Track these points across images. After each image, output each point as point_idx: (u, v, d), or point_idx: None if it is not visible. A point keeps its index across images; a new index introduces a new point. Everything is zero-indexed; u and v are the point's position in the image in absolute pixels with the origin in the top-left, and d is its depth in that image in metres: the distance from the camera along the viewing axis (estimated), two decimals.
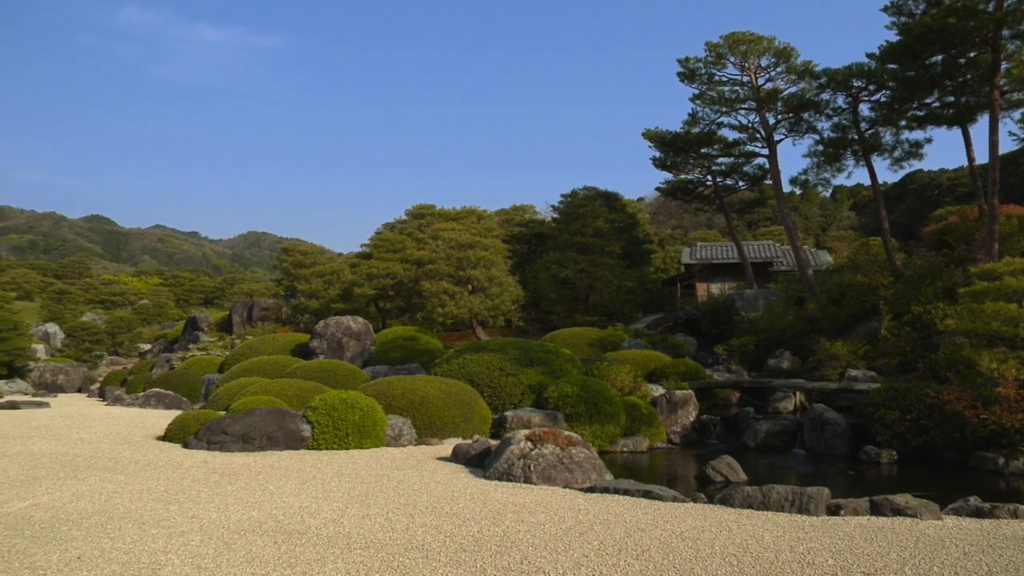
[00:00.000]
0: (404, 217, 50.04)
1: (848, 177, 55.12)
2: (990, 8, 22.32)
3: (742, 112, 33.26)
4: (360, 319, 28.54)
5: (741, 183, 38.44)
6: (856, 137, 29.54)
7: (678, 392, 18.00)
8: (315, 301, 38.17)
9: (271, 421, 13.90)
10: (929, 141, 30.92)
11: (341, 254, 57.80)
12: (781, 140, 32.59)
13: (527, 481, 10.54)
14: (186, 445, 14.14)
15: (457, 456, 12.72)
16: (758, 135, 33.28)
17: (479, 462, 12.16)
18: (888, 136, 29.92)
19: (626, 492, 9.75)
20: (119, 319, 52.31)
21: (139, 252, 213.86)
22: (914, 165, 38.78)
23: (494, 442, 12.70)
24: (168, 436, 15.19)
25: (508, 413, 16.24)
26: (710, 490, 10.74)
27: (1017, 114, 25.98)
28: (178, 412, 19.72)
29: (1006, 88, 24.71)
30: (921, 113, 28.05)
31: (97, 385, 35.51)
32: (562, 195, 47.58)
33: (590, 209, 38.06)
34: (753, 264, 37.22)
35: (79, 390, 34.68)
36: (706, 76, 33.25)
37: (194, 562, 6.44)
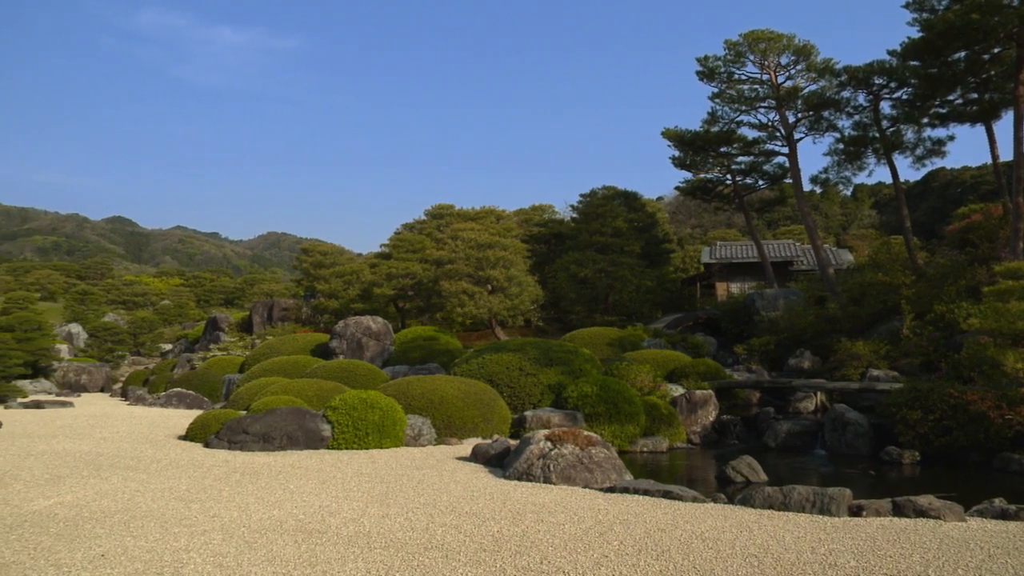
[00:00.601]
0: (423, 217, 50.10)
1: (869, 175, 55.01)
2: (1015, 3, 22.07)
3: (762, 110, 33.09)
4: (380, 319, 28.62)
5: (761, 182, 38.23)
6: (877, 135, 29.29)
7: (698, 392, 17.94)
8: (335, 301, 38.31)
9: (291, 421, 13.97)
10: (952, 138, 30.71)
11: (360, 254, 57.94)
12: (801, 139, 32.42)
13: (547, 481, 10.53)
14: (207, 444, 14.24)
15: (477, 456, 12.73)
16: (778, 134, 33.11)
17: (499, 462, 12.16)
18: (910, 134, 29.65)
19: (646, 492, 9.72)
20: (141, 319, 52.73)
21: (160, 253, 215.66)
22: (936, 163, 38.55)
23: (513, 442, 12.70)
24: (189, 435, 15.30)
25: (528, 413, 16.25)
26: (730, 490, 10.70)
27: None
28: (199, 412, 19.86)
29: None
30: (944, 110, 27.76)
31: (119, 385, 35.83)
32: (581, 195, 47.55)
33: (609, 209, 37.97)
34: (773, 263, 37.01)
35: (102, 390, 35.02)
36: (725, 75, 33.11)
37: (216, 561, 6.48)
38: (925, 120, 28.56)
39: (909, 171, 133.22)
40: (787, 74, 31.94)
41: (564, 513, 8.51)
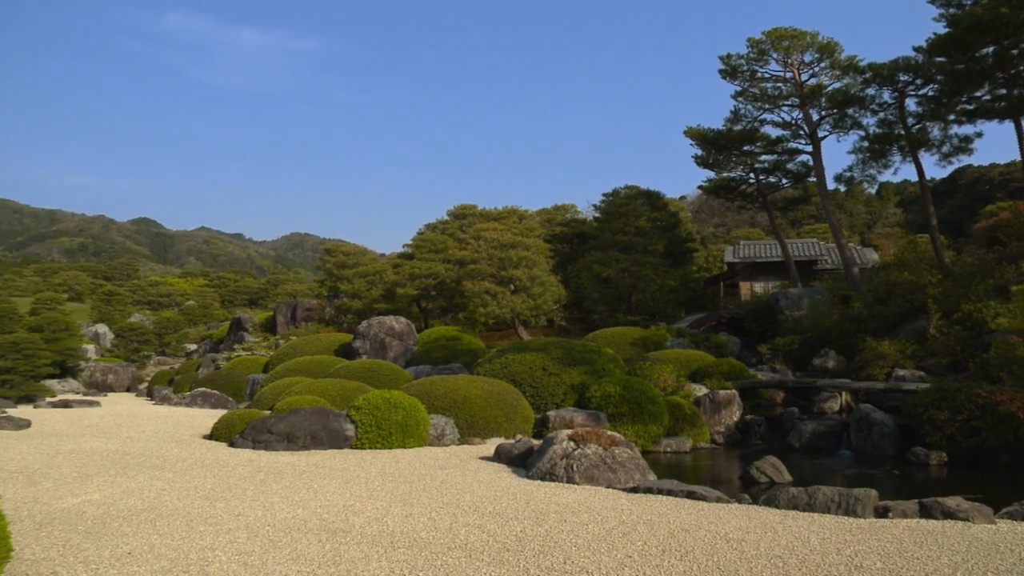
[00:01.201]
0: (446, 217, 50.15)
1: (894, 173, 54.55)
2: None
3: (785, 109, 32.89)
4: (403, 319, 28.70)
5: (784, 181, 37.98)
6: (903, 132, 29.01)
7: (722, 392, 17.85)
8: (358, 301, 38.46)
9: (315, 420, 14.04)
10: (979, 135, 30.33)
11: (383, 254, 58.14)
12: (825, 136, 32.17)
13: (570, 481, 10.52)
14: (232, 444, 14.34)
15: (500, 456, 12.74)
16: (801, 132, 32.89)
17: (522, 462, 12.16)
18: (936, 131, 29.34)
19: (669, 492, 9.69)
20: (166, 320, 53.19)
21: (185, 254, 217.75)
22: (963, 160, 37.98)
23: (537, 442, 12.70)
24: (214, 435, 15.43)
25: (551, 413, 16.23)
26: (755, 491, 10.63)
27: None
28: (224, 411, 20.02)
29: None
30: (971, 107, 27.42)
31: (145, 384, 36.17)
32: (603, 194, 47.43)
33: (632, 208, 37.87)
34: (797, 262, 36.74)
35: (128, 389, 35.37)
36: (748, 73, 32.95)
37: (241, 559, 6.53)
38: (952, 117, 28.24)
39: (935, 168, 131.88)
40: (811, 72, 31.73)
41: (587, 513, 8.50)
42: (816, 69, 31.66)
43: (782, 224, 50.20)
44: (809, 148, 32.71)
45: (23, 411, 21.81)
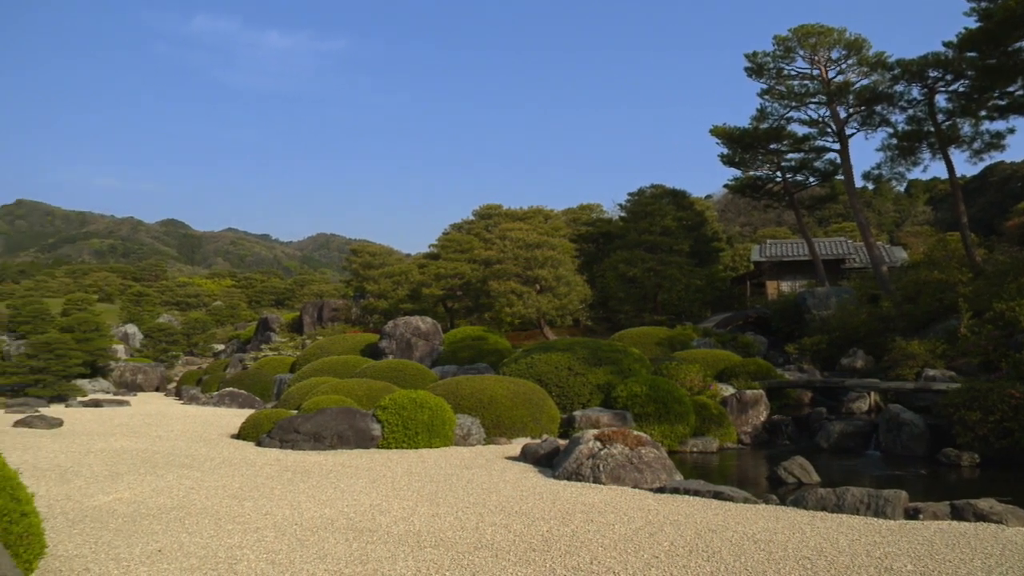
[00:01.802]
0: (471, 217, 50.19)
1: (924, 171, 53.85)
2: None
3: (812, 106, 32.67)
4: (429, 319, 28.78)
5: (812, 179, 37.71)
6: (932, 129, 28.70)
7: (748, 392, 17.74)
8: (384, 301, 38.62)
9: (342, 420, 14.11)
10: (1012, 131, 29.83)
11: (409, 255, 58.34)
12: (853, 134, 31.91)
13: (596, 481, 10.50)
14: (259, 443, 14.46)
15: (526, 455, 12.74)
16: (829, 129, 32.62)
17: (548, 462, 12.16)
18: (967, 127, 29.00)
19: (696, 493, 9.64)
20: (194, 320, 53.72)
21: (212, 255, 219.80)
22: (995, 157, 37.29)
23: (563, 442, 12.69)
24: (242, 434, 15.56)
25: (576, 413, 16.21)
26: (782, 492, 10.55)
27: None
28: (251, 411, 20.18)
29: None
30: (1003, 102, 27.04)
31: (174, 384, 36.56)
32: (629, 193, 47.28)
33: (657, 207, 37.76)
34: (824, 261, 36.45)
35: (157, 389, 35.78)
36: (774, 70, 32.73)
37: (268, 558, 6.57)
38: (983, 113, 27.89)
39: (966, 165, 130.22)
40: (838, 68, 31.47)
41: (614, 513, 8.48)
42: (843, 66, 31.39)
43: (809, 223, 49.78)
44: (836, 146, 32.44)
45: (55, 410, 22.14)
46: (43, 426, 17.08)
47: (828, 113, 31.95)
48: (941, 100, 28.57)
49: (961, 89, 27.58)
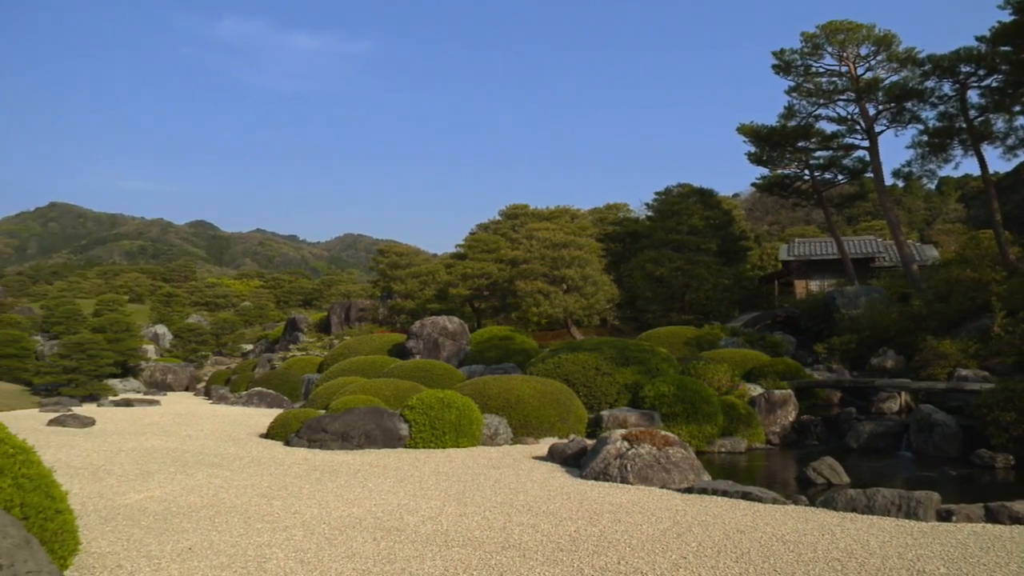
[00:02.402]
0: (498, 217, 50.26)
1: (955, 168, 53.01)
2: None
3: (840, 103, 32.35)
4: (455, 319, 28.85)
5: (840, 177, 37.36)
6: (964, 125, 28.32)
7: (777, 392, 17.59)
8: (411, 302, 38.76)
9: (369, 420, 14.17)
10: None
11: (436, 255, 58.51)
12: (882, 131, 31.56)
13: (623, 481, 10.47)
14: (288, 443, 14.55)
15: (553, 455, 12.73)
16: (858, 127, 32.30)
17: (575, 461, 12.14)
18: (1000, 123, 28.60)
19: (724, 493, 9.58)
20: (223, 320, 54.17)
21: (240, 255, 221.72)
22: None
23: (590, 442, 12.66)
24: (270, 434, 15.67)
25: (604, 412, 16.17)
26: (811, 492, 10.45)
27: None
28: (279, 411, 20.33)
29: None
30: None
31: (203, 384, 36.92)
32: (656, 193, 47.13)
33: (685, 206, 37.61)
34: (854, 260, 36.09)
35: (186, 389, 36.14)
36: (802, 68, 32.45)
37: (297, 556, 6.62)
38: (1017, 108, 27.46)
39: (999, 162, 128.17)
40: (867, 65, 31.13)
41: (641, 514, 8.45)
42: (872, 62, 31.06)
43: (838, 221, 49.28)
44: (866, 143, 32.10)
45: (87, 409, 22.43)
46: (76, 425, 17.32)
47: (857, 110, 31.63)
48: (973, 96, 28.23)
49: (994, 84, 27.19)
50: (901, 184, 35.89)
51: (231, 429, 17.31)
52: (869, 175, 34.81)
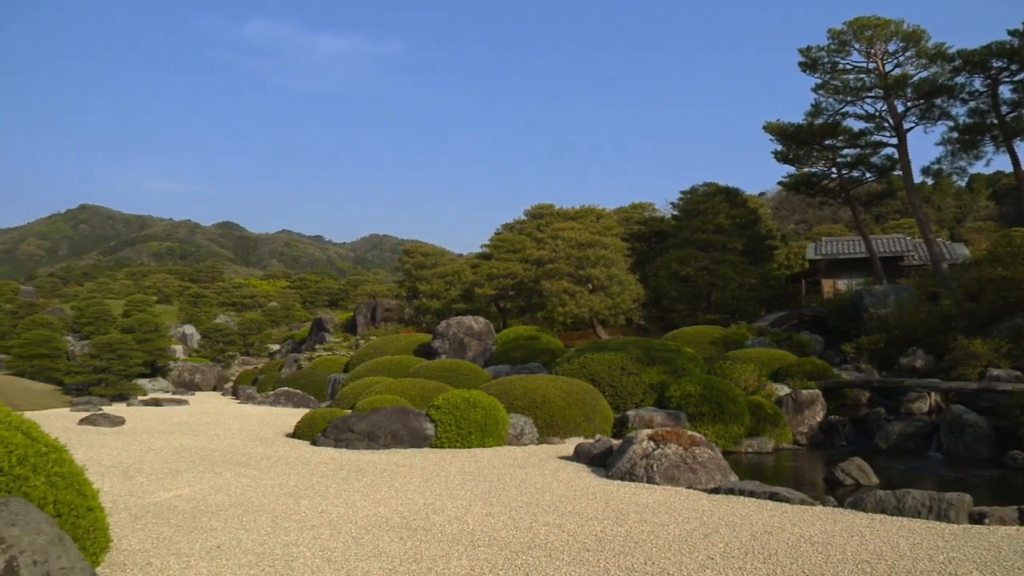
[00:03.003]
0: (523, 217, 50.25)
1: (987, 165, 51.94)
2: None
3: (868, 100, 32.02)
4: (481, 319, 28.88)
5: (868, 175, 36.99)
6: (996, 121, 27.95)
7: (804, 391, 17.45)
8: (436, 302, 38.85)
9: (395, 420, 14.22)
10: None
11: (461, 255, 58.58)
12: (911, 128, 31.20)
13: (650, 481, 10.44)
14: (314, 442, 14.63)
15: (579, 455, 12.72)
16: (886, 124, 31.95)
17: (601, 461, 12.12)
18: None
19: (751, 494, 9.52)
20: (250, 321, 54.54)
21: (267, 256, 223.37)
22: None
23: (616, 442, 12.63)
24: (297, 433, 15.76)
25: (630, 412, 16.13)
26: (839, 493, 10.36)
27: None
28: (306, 410, 20.43)
29: None
30: None
31: (230, 384, 37.19)
32: (681, 192, 46.90)
33: (710, 205, 37.41)
34: (882, 259, 35.71)
35: (214, 388, 36.43)
36: (829, 65, 32.16)
37: (324, 555, 6.66)
38: None
39: None
40: (895, 61, 30.80)
41: (668, 514, 8.42)
42: (901, 58, 30.72)
43: (866, 220, 48.79)
44: (894, 140, 31.76)
45: (117, 408, 22.68)
46: (106, 424, 17.52)
47: (885, 107, 31.29)
48: (1005, 91, 27.86)
49: None
50: (930, 182, 35.65)
51: (258, 428, 17.44)
52: (897, 173, 34.45)
